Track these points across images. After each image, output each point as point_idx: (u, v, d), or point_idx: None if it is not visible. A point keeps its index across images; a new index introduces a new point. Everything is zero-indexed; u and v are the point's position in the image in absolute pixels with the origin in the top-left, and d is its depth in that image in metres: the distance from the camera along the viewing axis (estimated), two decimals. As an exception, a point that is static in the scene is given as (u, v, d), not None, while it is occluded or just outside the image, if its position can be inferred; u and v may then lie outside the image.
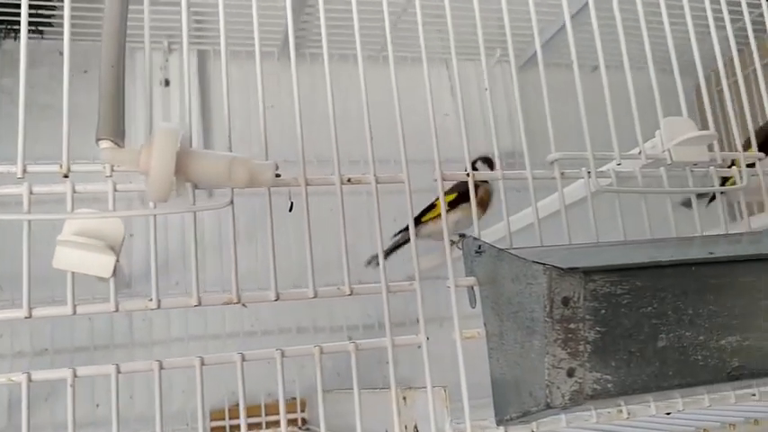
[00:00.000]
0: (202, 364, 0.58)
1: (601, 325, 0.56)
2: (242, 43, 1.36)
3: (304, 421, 1.26)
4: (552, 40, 1.47)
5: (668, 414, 0.70)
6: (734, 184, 0.81)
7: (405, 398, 0.73)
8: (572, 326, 0.55)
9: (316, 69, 1.24)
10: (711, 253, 0.61)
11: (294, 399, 1.27)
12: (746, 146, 0.82)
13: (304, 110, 0.68)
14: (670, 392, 0.61)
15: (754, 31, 0.87)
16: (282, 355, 0.60)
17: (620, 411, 0.68)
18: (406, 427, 0.72)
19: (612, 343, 0.56)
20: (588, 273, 0.55)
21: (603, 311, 0.56)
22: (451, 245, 0.66)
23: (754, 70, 0.88)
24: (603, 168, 0.75)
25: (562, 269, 0.54)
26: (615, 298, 0.56)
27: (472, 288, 0.66)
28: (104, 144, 0.52)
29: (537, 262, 0.55)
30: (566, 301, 0.54)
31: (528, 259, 0.57)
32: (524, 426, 0.63)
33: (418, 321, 0.68)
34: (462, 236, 0.67)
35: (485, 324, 0.64)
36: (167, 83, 1.34)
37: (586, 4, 0.97)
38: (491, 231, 1.09)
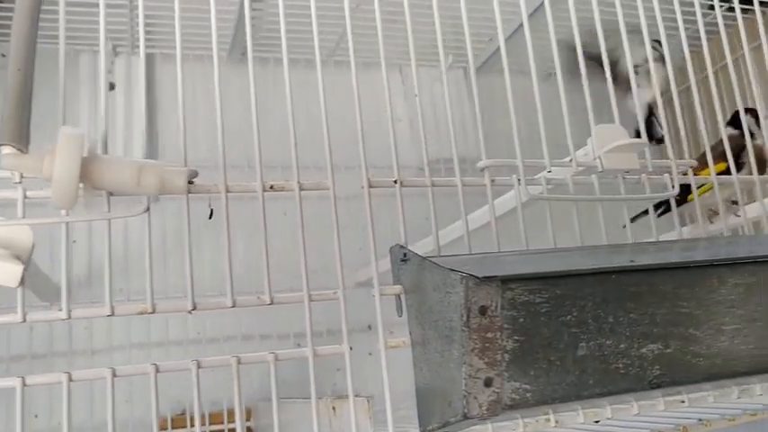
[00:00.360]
0: (157, 371, 0.57)
1: (519, 334, 0.55)
2: (188, 47, 1.35)
3: (250, 430, 1.24)
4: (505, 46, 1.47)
5: (597, 422, 0.70)
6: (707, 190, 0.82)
7: (334, 408, 0.72)
8: (489, 335, 0.54)
9: (266, 73, 1.23)
10: (633, 261, 0.61)
11: (247, 408, 1.25)
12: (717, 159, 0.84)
13: (250, 115, 0.67)
14: (593, 401, 0.61)
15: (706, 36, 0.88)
16: (239, 361, 0.58)
17: (548, 420, 0.67)
18: (335, 438, 0.71)
19: (531, 352, 0.56)
20: (506, 281, 0.55)
21: (522, 320, 0.55)
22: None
23: (706, 76, 0.89)
24: (538, 176, 0.75)
25: (479, 278, 0.54)
26: (534, 306, 0.56)
27: (399, 296, 0.66)
28: (6, 150, 0.50)
29: (455, 270, 0.55)
30: (483, 310, 0.54)
31: (446, 267, 0.56)
32: (448, 435, 0.63)
33: (370, 328, 0.67)
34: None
35: (410, 333, 0.64)
36: (112, 87, 1.32)
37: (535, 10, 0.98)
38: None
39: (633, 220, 1.11)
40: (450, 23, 0.78)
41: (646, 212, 1.04)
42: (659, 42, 0.85)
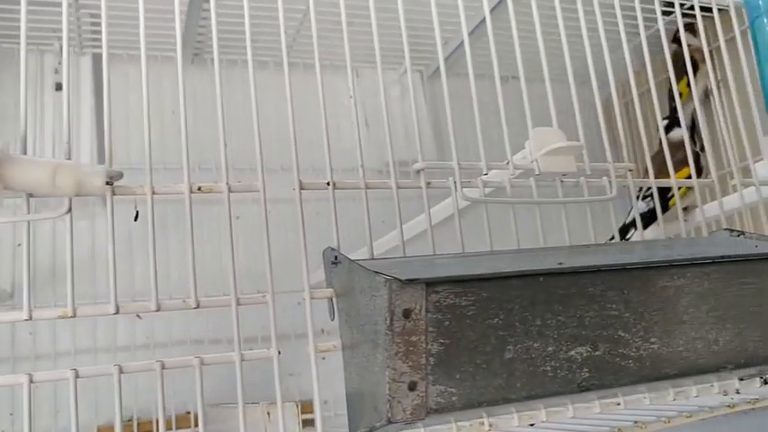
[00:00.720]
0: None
1: (444, 337, 0.55)
2: (137, 47, 1.33)
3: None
4: (460, 51, 1.48)
5: (532, 425, 0.70)
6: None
7: (269, 413, 0.71)
8: (413, 338, 0.54)
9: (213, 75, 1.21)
10: (561, 264, 0.61)
11: (188, 413, 1.23)
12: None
13: (202, 115, 0.66)
14: (524, 403, 0.60)
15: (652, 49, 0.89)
16: (162, 366, 0.57)
17: (482, 424, 0.67)
18: (269, 443, 0.70)
19: (457, 355, 0.55)
20: (431, 284, 0.54)
21: (447, 323, 0.55)
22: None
23: (649, 89, 0.90)
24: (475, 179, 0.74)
25: (402, 280, 0.53)
26: (460, 309, 0.56)
27: (331, 300, 0.65)
28: None
29: (379, 273, 0.54)
30: (407, 314, 0.53)
31: (371, 270, 0.55)
32: (379, 440, 0.62)
33: (323, 332, 0.66)
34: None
35: (341, 336, 0.63)
36: (59, 87, 1.29)
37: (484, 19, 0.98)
38: (386, 240, 1.08)
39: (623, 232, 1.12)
40: (404, 28, 0.77)
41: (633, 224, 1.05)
42: None
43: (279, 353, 0.61)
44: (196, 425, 1.23)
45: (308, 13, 1.31)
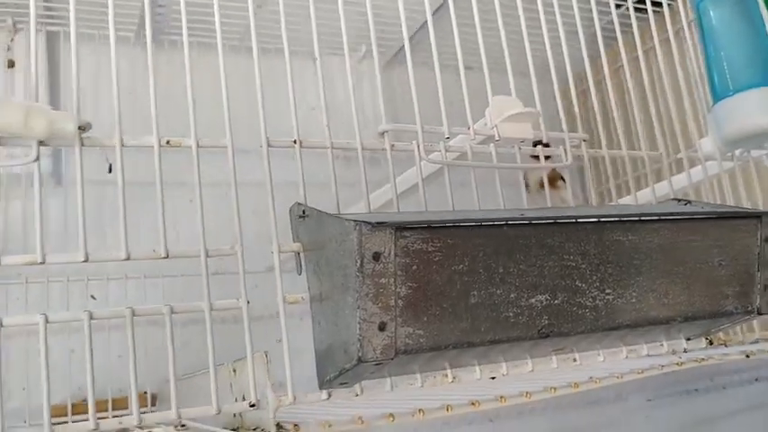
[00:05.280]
0: (47, 321, 0.55)
1: (412, 281, 0.57)
2: (95, 26, 1.32)
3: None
4: (418, 38, 1.50)
5: (493, 378, 0.72)
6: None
7: (234, 370, 0.71)
8: (383, 281, 0.55)
9: (174, 57, 1.21)
10: (522, 214, 0.63)
11: (145, 392, 1.22)
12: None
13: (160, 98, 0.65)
14: (485, 349, 0.63)
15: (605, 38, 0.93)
16: (133, 313, 0.57)
17: (446, 376, 0.69)
18: (236, 400, 0.70)
19: (424, 299, 0.57)
20: (399, 229, 0.56)
21: (415, 267, 0.57)
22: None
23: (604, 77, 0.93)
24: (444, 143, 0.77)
25: (372, 224, 0.55)
26: (427, 255, 0.57)
27: (298, 254, 0.66)
28: None
29: (348, 219, 0.56)
30: (376, 257, 0.55)
31: (341, 216, 0.57)
32: (347, 388, 0.63)
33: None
34: None
35: (308, 288, 0.64)
36: (12, 64, 1.27)
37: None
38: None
39: None
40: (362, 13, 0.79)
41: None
42: None
43: (248, 302, 0.62)
44: (153, 404, 1.22)
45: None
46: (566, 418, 0.71)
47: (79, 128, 0.54)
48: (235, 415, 0.73)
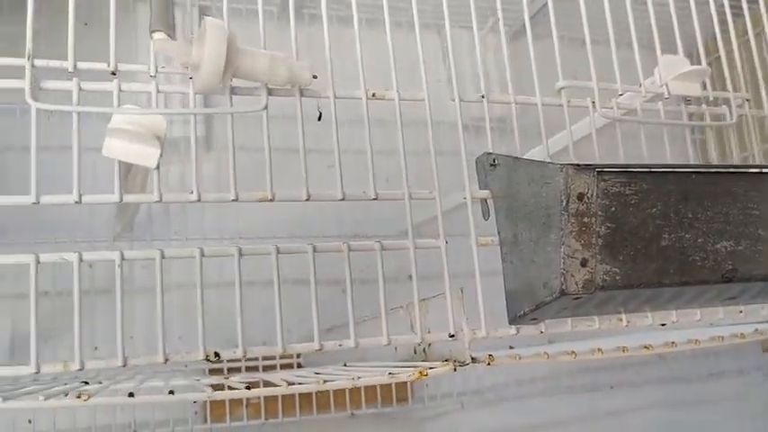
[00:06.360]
0: (240, 254, 0.62)
1: (611, 221, 0.61)
2: (240, 1, 1.40)
3: (300, 366, 1.30)
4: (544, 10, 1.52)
5: (663, 325, 0.75)
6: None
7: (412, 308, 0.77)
8: (585, 220, 0.59)
9: (313, 31, 1.28)
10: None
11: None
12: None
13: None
14: (672, 289, 0.65)
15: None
16: (315, 249, 0.64)
17: (620, 320, 0.73)
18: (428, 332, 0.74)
19: (621, 239, 0.61)
20: (601, 172, 0.60)
21: (613, 209, 0.61)
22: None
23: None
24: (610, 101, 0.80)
25: (578, 165, 0.59)
26: (624, 197, 0.61)
27: (485, 201, 0.71)
28: (158, 35, 0.55)
29: (553, 163, 0.60)
30: (580, 197, 0.59)
31: (544, 161, 0.61)
32: (534, 325, 0.68)
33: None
34: None
35: (498, 232, 0.69)
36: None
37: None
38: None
39: None
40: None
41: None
42: None
43: (446, 242, 0.67)
44: (299, 356, 1.30)
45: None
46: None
47: (314, 76, 0.60)
48: (416, 351, 0.78)
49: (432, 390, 1.34)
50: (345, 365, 0.84)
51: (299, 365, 1.31)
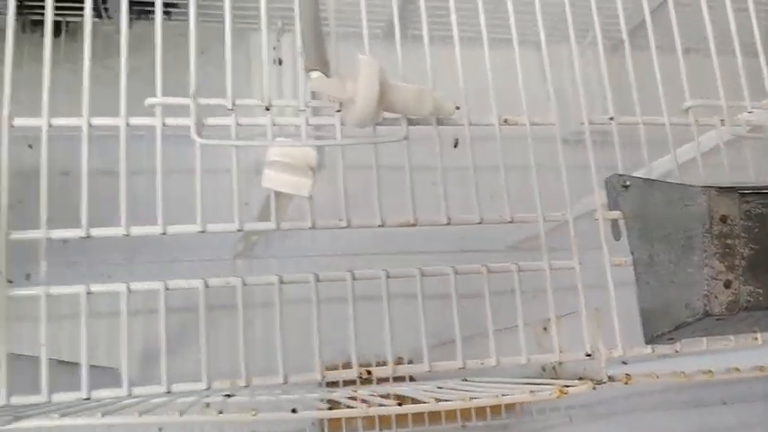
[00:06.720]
0: (353, 278, 0.65)
1: (754, 243, 0.61)
2: (347, 24, 1.45)
3: (412, 379, 1.32)
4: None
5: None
6: None
7: (545, 328, 0.78)
8: (729, 242, 0.60)
9: (418, 50, 1.31)
10: None
11: (401, 358, 1.33)
12: None
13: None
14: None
15: None
16: (422, 274, 0.66)
17: (756, 339, 0.72)
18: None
19: (765, 260, 0.61)
20: (743, 194, 0.61)
21: (756, 230, 0.61)
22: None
23: None
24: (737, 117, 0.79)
25: (720, 188, 0.60)
26: (766, 219, 0.61)
27: (616, 221, 0.72)
28: (315, 74, 0.59)
29: (694, 186, 0.61)
30: (723, 219, 0.60)
31: (684, 184, 0.62)
32: (670, 344, 0.69)
33: None
34: None
35: (632, 253, 0.70)
36: (280, 62, 1.42)
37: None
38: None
39: None
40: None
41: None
42: None
43: (580, 263, 0.69)
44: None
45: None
46: None
47: (457, 107, 0.63)
48: (544, 368, 0.80)
49: (540, 403, 1.35)
50: (465, 380, 0.86)
51: (411, 378, 1.34)
